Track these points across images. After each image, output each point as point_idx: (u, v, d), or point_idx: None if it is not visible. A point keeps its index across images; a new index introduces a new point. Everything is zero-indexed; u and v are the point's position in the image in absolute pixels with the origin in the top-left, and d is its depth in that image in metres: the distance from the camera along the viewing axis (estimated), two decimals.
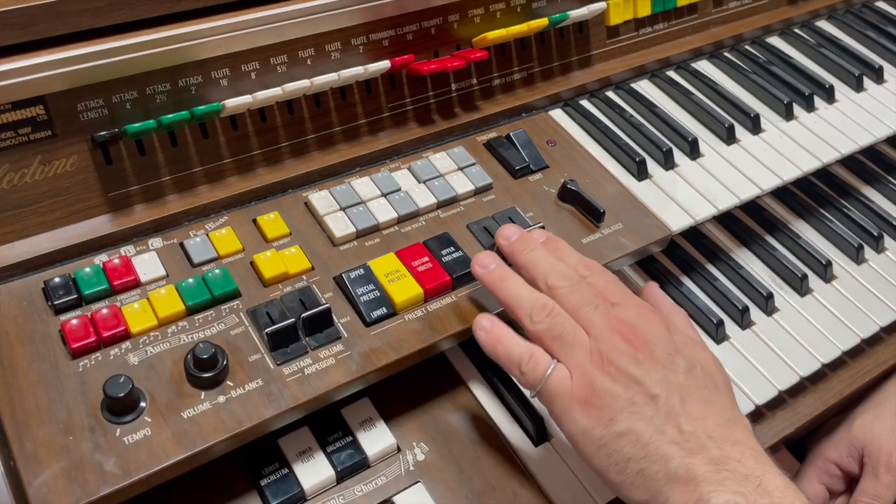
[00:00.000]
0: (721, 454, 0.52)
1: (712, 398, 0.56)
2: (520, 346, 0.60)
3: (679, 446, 0.53)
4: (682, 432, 0.53)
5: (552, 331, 0.58)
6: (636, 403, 0.54)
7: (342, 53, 0.73)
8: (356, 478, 0.63)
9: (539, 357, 0.59)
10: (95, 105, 0.63)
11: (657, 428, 0.54)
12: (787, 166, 0.84)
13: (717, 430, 0.54)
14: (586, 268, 0.63)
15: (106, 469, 0.52)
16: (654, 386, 0.55)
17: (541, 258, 0.63)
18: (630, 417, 0.54)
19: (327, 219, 0.69)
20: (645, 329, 0.58)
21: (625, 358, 0.56)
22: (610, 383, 0.55)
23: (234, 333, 0.61)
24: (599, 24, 0.90)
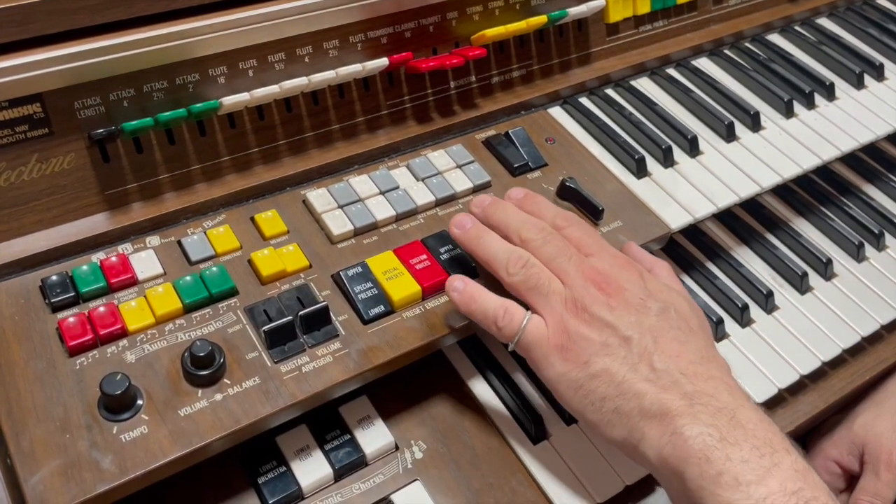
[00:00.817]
0: (694, 389, 0.54)
1: (686, 338, 0.58)
2: (494, 302, 0.61)
3: (652, 383, 0.55)
4: (654, 370, 0.55)
5: (527, 282, 0.60)
6: (609, 346, 0.57)
7: (340, 51, 0.73)
8: (354, 476, 0.62)
9: (513, 310, 0.60)
10: (92, 103, 0.63)
11: (631, 367, 0.56)
12: (787, 164, 0.84)
13: (690, 367, 0.55)
14: (563, 219, 0.65)
15: (103, 467, 0.52)
16: (627, 328, 0.57)
17: (512, 214, 0.65)
18: (604, 359, 0.56)
19: (325, 217, 0.69)
20: (618, 276, 0.60)
21: (598, 304, 0.58)
22: (584, 328, 0.57)
23: (231, 331, 0.60)
24: (599, 22, 0.89)
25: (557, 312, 0.59)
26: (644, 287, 0.60)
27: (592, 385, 0.56)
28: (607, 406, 0.56)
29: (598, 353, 0.56)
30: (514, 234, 0.64)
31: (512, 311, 0.60)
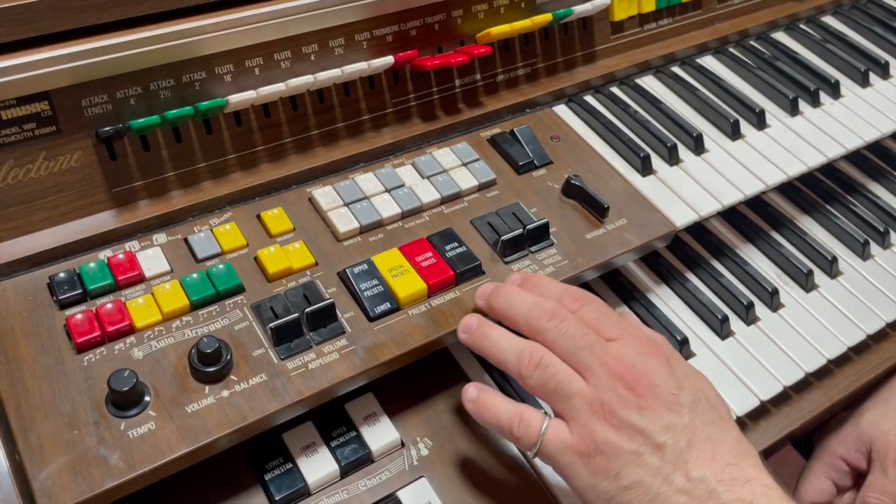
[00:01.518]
0: (732, 497, 0.51)
1: (719, 434, 0.55)
2: (508, 411, 0.58)
3: (689, 495, 0.52)
4: (690, 480, 0.52)
5: (546, 385, 0.56)
6: (641, 455, 0.53)
7: (346, 49, 0.73)
8: (360, 472, 0.62)
9: (529, 418, 0.57)
10: (100, 101, 0.63)
11: (664, 478, 0.52)
12: (792, 162, 0.84)
13: (726, 471, 0.52)
14: (573, 300, 0.60)
15: (110, 463, 0.52)
16: (660, 434, 0.53)
17: (516, 300, 0.60)
18: (636, 470, 0.53)
19: (331, 214, 0.69)
20: (645, 368, 0.55)
21: (627, 406, 0.54)
22: (613, 436, 0.54)
23: (238, 328, 0.61)
24: (604, 20, 0.90)
25: (582, 417, 0.54)
26: (674, 377, 0.56)
27: (625, 497, 0.53)
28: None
29: (629, 464, 0.53)
30: (523, 325, 0.59)
31: (527, 418, 0.56)
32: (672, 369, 0.57)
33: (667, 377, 0.56)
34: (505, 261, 0.69)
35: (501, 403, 0.59)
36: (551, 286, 0.62)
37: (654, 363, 0.56)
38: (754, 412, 0.73)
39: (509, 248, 0.69)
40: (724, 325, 0.77)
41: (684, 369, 0.58)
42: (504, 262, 0.69)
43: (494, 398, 0.59)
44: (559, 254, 0.70)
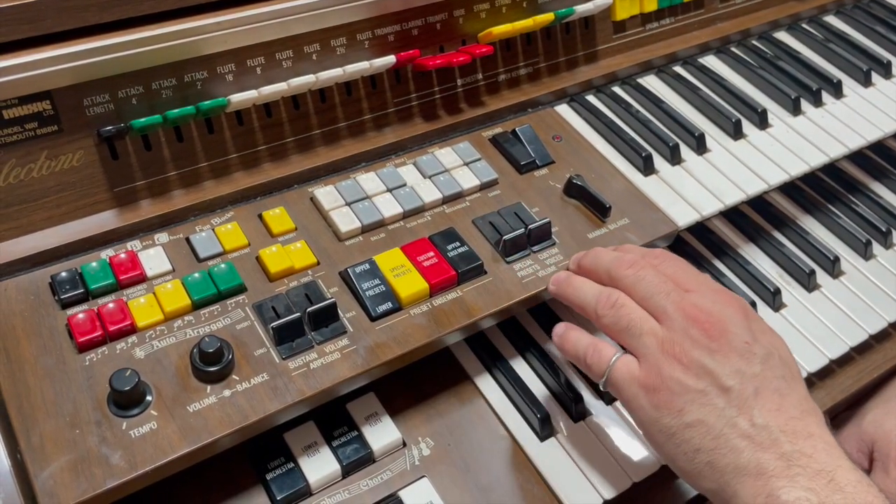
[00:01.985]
0: (793, 449, 0.51)
1: (787, 389, 0.55)
2: (585, 342, 0.61)
3: (750, 440, 0.52)
4: (754, 425, 0.53)
5: (618, 323, 0.58)
6: (707, 394, 0.54)
7: (347, 49, 0.73)
8: (362, 472, 0.62)
9: (603, 349, 0.59)
10: (101, 100, 0.63)
11: (728, 420, 0.53)
12: (794, 161, 0.84)
13: (790, 423, 0.53)
14: (653, 256, 0.62)
15: (112, 462, 0.52)
16: (728, 377, 0.54)
17: (601, 254, 0.63)
18: (701, 409, 0.53)
19: (333, 214, 0.69)
20: (721, 315, 0.56)
21: (698, 347, 0.55)
22: (681, 373, 0.54)
23: (239, 328, 0.61)
24: (605, 20, 0.89)
25: (652, 354, 0.56)
26: (748, 328, 0.56)
27: (687, 435, 0.54)
28: (700, 458, 0.53)
29: (693, 402, 0.53)
30: (604, 275, 0.61)
31: (601, 348, 0.59)
32: (749, 322, 0.57)
33: (742, 327, 0.56)
34: (507, 260, 0.69)
35: (582, 336, 0.61)
36: (635, 248, 0.65)
37: (730, 311, 0.57)
38: None
39: (511, 248, 0.69)
40: None
41: (761, 326, 0.58)
42: (506, 262, 0.69)
43: (579, 334, 0.62)
44: (561, 253, 0.70)
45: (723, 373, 0.54)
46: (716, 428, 0.53)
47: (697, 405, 0.53)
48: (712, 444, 0.53)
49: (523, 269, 0.69)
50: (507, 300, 0.66)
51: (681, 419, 0.54)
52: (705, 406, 0.53)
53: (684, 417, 0.54)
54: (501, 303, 0.66)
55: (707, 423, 0.53)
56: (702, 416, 0.53)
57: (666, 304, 0.57)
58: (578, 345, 0.61)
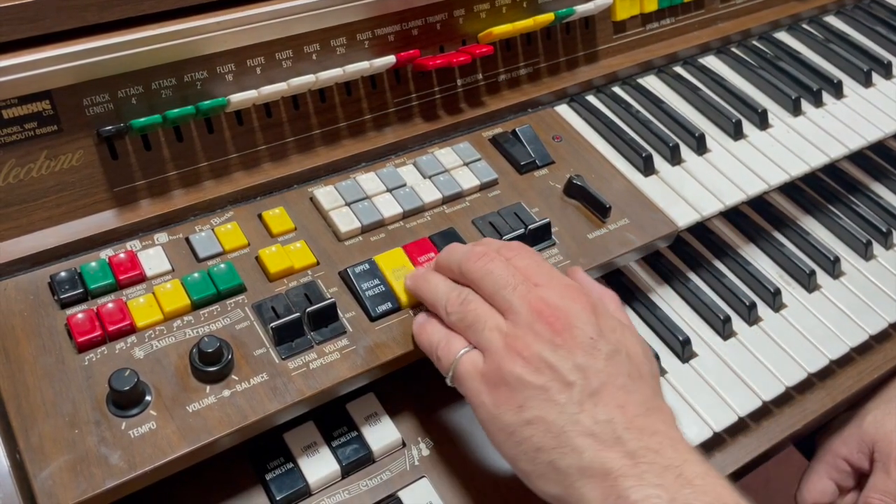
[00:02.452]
0: (639, 446, 0.50)
1: (634, 386, 0.53)
2: (438, 334, 0.59)
3: (593, 438, 0.50)
4: (597, 422, 0.50)
5: (465, 320, 0.57)
6: (548, 390, 0.51)
7: (347, 49, 0.73)
8: (361, 472, 0.62)
9: (452, 342, 0.57)
10: (101, 100, 0.63)
11: (570, 417, 0.51)
12: (794, 161, 0.84)
13: (635, 420, 0.51)
14: (508, 249, 0.60)
15: (111, 462, 0.52)
16: (570, 372, 0.52)
17: (455, 249, 0.62)
18: (541, 405, 0.51)
19: (332, 214, 0.69)
20: (568, 310, 0.54)
21: (541, 342, 0.53)
22: (521, 368, 0.52)
23: (239, 328, 0.61)
24: (606, 20, 0.89)
25: (495, 349, 0.54)
26: (596, 324, 0.54)
27: (526, 433, 0.51)
28: (542, 458, 0.51)
29: (534, 398, 0.51)
30: (456, 269, 0.60)
31: (451, 342, 0.57)
32: (596, 318, 0.55)
33: (588, 322, 0.54)
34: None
35: (437, 328, 0.59)
36: (492, 241, 0.63)
37: (577, 307, 0.55)
38: (756, 413, 0.73)
39: None
40: (726, 325, 0.77)
41: (610, 323, 0.56)
42: None
43: (433, 324, 0.60)
44: (561, 253, 0.70)
45: (565, 368, 0.52)
46: (556, 425, 0.50)
47: (538, 401, 0.51)
48: (553, 442, 0.50)
49: None
50: None
51: (520, 416, 0.52)
52: (546, 402, 0.51)
53: (524, 414, 0.51)
54: None
55: (547, 420, 0.51)
56: (542, 412, 0.51)
57: (512, 299, 0.55)
58: (432, 337, 0.59)
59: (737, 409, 0.71)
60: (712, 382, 0.73)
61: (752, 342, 0.77)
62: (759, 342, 0.77)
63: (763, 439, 0.73)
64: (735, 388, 0.73)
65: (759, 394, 0.73)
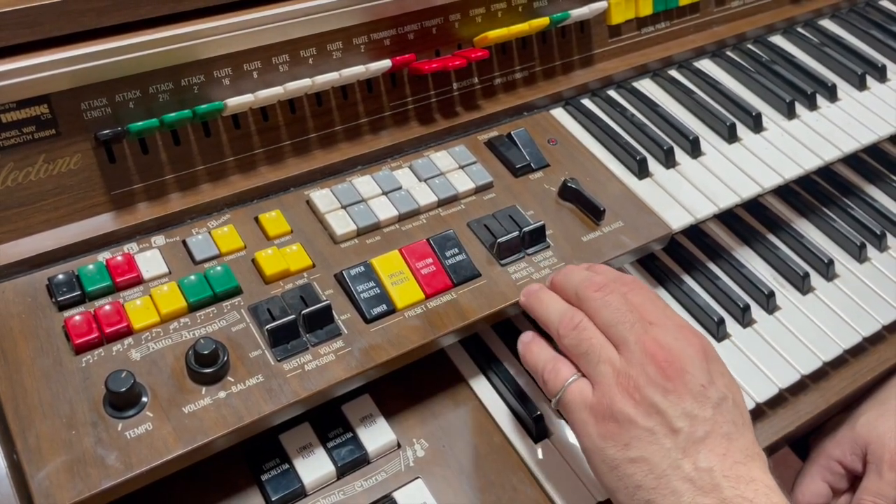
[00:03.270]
0: (734, 493, 0.51)
1: (737, 434, 0.55)
2: (546, 357, 0.60)
3: (692, 483, 0.52)
4: (697, 469, 0.52)
5: (578, 346, 0.58)
6: (655, 434, 0.53)
7: (344, 53, 0.74)
8: (356, 473, 0.63)
9: (561, 367, 0.59)
10: (99, 104, 0.64)
11: (672, 461, 0.53)
12: (788, 164, 0.84)
13: (734, 468, 0.53)
14: (623, 283, 0.61)
15: (108, 463, 0.52)
16: (679, 419, 0.53)
17: (573, 272, 0.63)
18: (646, 447, 0.53)
19: (328, 217, 0.69)
20: (681, 355, 0.55)
21: (652, 385, 0.54)
22: (631, 408, 0.54)
23: (235, 330, 0.61)
24: (601, 24, 0.90)
25: (606, 383, 0.55)
26: (707, 370, 0.56)
27: (629, 470, 0.53)
28: (641, 495, 0.53)
29: (640, 438, 0.53)
30: (572, 294, 0.61)
31: (559, 367, 0.59)
32: (707, 363, 0.56)
33: (700, 368, 0.55)
34: (501, 263, 0.69)
35: (544, 350, 0.61)
36: (608, 270, 0.64)
37: (690, 351, 0.56)
38: (751, 414, 0.73)
39: (506, 251, 0.70)
40: (720, 327, 0.78)
41: (720, 368, 0.58)
42: (500, 265, 0.69)
43: (541, 347, 0.62)
44: (555, 256, 0.71)
45: (674, 414, 0.53)
46: (659, 467, 0.53)
47: (644, 442, 0.53)
48: (654, 483, 0.52)
49: (518, 271, 0.69)
50: (502, 302, 0.67)
51: (625, 453, 0.54)
52: (651, 444, 0.53)
53: (629, 452, 0.53)
54: (496, 305, 0.66)
55: (651, 461, 0.53)
56: (647, 453, 0.53)
57: (628, 335, 0.56)
58: (539, 358, 0.60)
59: None
60: None
61: (745, 344, 0.78)
62: (752, 344, 0.78)
63: (757, 441, 0.74)
64: None
65: (753, 395, 0.74)
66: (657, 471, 0.53)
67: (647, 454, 0.53)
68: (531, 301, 0.63)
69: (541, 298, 0.63)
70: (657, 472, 0.53)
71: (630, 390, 0.54)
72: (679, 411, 0.54)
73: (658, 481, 0.52)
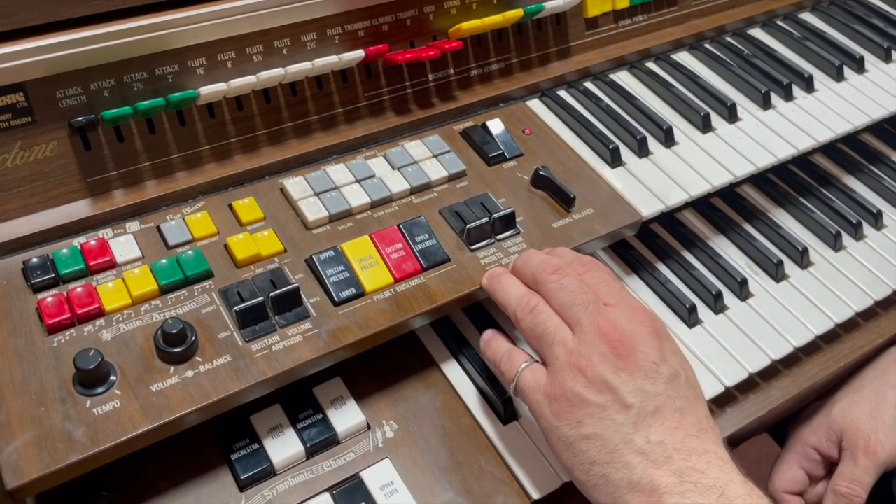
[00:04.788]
0: (686, 465, 0.53)
1: (689, 408, 0.56)
2: (503, 349, 0.63)
3: (644, 456, 0.53)
4: (649, 442, 0.54)
5: (534, 329, 0.60)
6: (607, 409, 0.55)
7: (318, 44, 0.75)
8: (325, 454, 0.64)
9: (515, 356, 0.61)
10: (74, 92, 0.65)
11: (624, 436, 0.54)
12: (761, 153, 0.85)
13: (686, 441, 0.54)
14: (581, 264, 0.63)
15: (75, 438, 0.54)
16: (630, 395, 0.55)
17: (532, 256, 0.64)
18: (598, 423, 0.55)
19: (301, 203, 0.70)
20: (633, 334, 0.57)
21: (604, 363, 0.55)
22: (583, 387, 0.55)
23: (205, 312, 0.62)
24: (577, 16, 0.91)
25: (559, 364, 0.57)
26: (659, 350, 0.57)
27: (583, 446, 0.55)
28: (596, 471, 0.54)
29: (592, 415, 0.55)
30: (529, 276, 0.62)
31: (514, 356, 0.61)
32: (660, 342, 0.58)
33: (652, 347, 0.57)
34: (471, 248, 0.70)
35: (502, 343, 0.64)
36: (566, 252, 0.66)
37: (643, 331, 0.57)
38: (719, 398, 0.74)
39: (475, 237, 0.71)
40: (691, 313, 0.78)
41: (672, 347, 0.59)
42: (470, 250, 0.70)
43: (500, 342, 0.64)
44: (525, 242, 0.72)
45: (625, 390, 0.55)
46: (612, 442, 0.54)
47: (596, 419, 0.54)
48: (607, 457, 0.54)
49: (487, 256, 0.70)
50: (470, 286, 0.68)
51: (579, 430, 0.55)
52: (603, 420, 0.54)
53: (582, 429, 0.55)
54: (464, 289, 0.67)
55: (603, 437, 0.54)
56: (599, 429, 0.54)
57: (582, 316, 0.58)
58: (497, 352, 0.63)
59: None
60: None
61: (717, 330, 0.79)
62: (724, 330, 0.79)
63: (727, 425, 0.75)
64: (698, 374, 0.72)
65: (722, 379, 0.74)
66: (610, 446, 0.54)
67: (600, 430, 0.54)
68: (492, 285, 0.65)
69: (500, 282, 0.64)
70: (610, 446, 0.54)
71: (582, 369, 0.56)
72: (630, 387, 0.55)
73: (611, 455, 0.54)
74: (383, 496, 0.62)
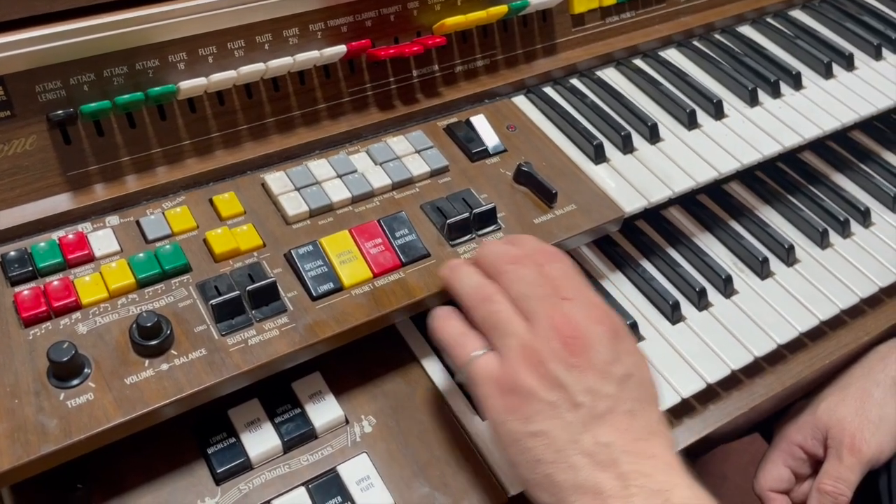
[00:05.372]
0: (631, 469, 0.52)
1: (640, 411, 0.55)
2: (456, 330, 0.60)
3: (591, 458, 0.52)
4: (597, 443, 0.52)
5: (488, 319, 0.58)
6: (557, 407, 0.53)
7: (300, 39, 0.75)
8: (303, 448, 0.64)
9: (470, 341, 0.59)
10: (53, 86, 0.65)
11: (572, 436, 0.53)
12: (747, 150, 0.85)
13: (634, 444, 0.53)
14: (543, 255, 0.61)
15: (48, 430, 0.54)
16: (580, 394, 0.53)
17: (493, 245, 0.63)
18: (547, 421, 0.53)
19: (281, 198, 0.70)
20: (588, 332, 0.55)
21: (557, 360, 0.54)
22: (534, 382, 0.54)
23: (182, 305, 0.62)
24: (564, 13, 0.91)
25: (512, 356, 0.55)
26: (614, 350, 0.56)
27: (530, 443, 0.53)
28: (541, 469, 0.53)
29: (541, 412, 0.53)
30: (488, 265, 0.61)
31: (468, 340, 0.59)
32: (615, 342, 0.56)
33: (606, 346, 0.55)
34: (451, 244, 0.70)
35: (456, 324, 0.61)
36: (529, 241, 0.63)
37: (598, 330, 0.56)
38: (701, 395, 0.74)
39: (456, 232, 0.70)
40: (675, 310, 0.78)
41: (628, 347, 0.57)
42: (450, 245, 0.70)
43: (456, 321, 0.61)
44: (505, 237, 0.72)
45: (576, 389, 0.53)
46: (559, 441, 0.53)
47: (545, 416, 0.53)
48: (553, 457, 0.52)
49: (467, 252, 0.70)
50: None
51: (526, 427, 0.53)
52: (553, 419, 0.53)
53: (530, 426, 0.53)
54: (442, 284, 0.67)
55: (551, 435, 0.53)
56: (547, 427, 0.53)
57: (537, 308, 0.56)
58: (450, 331, 0.60)
59: (680, 390, 0.72)
60: (657, 365, 0.74)
61: (700, 327, 0.78)
62: (708, 327, 0.78)
63: (709, 421, 0.74)
64: (680, 371, 0.74)
65: (704, 375, 0.74)
66: (556, 444, 0.53)
67: (548, 428, 0.53)
68: (450, 275, 0.63)
69: (459, 272, 0.62)
70: (556, 445, 0.53)
71: (534, 364, 0.54)
72: (582, 386, 0.54)
73: (557, 455, 0.53)
74: (359, 490, 0.62)
